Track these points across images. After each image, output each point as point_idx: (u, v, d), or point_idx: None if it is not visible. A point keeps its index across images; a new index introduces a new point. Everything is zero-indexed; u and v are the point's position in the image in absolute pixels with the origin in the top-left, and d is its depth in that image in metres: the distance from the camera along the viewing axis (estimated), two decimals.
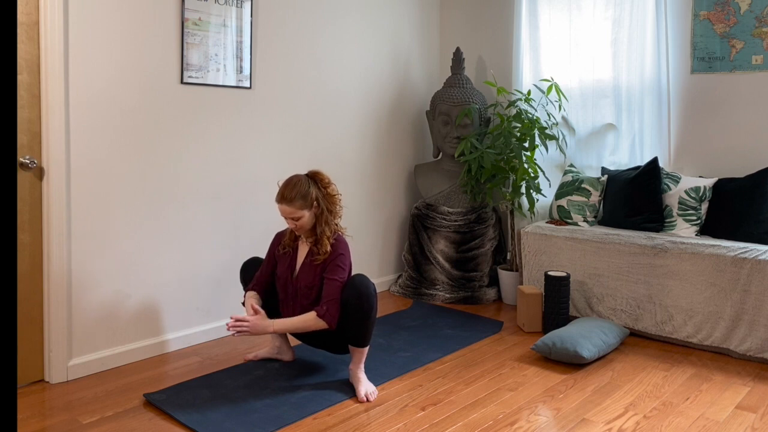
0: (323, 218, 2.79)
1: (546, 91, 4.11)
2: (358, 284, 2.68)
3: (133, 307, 3.11)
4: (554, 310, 3.52)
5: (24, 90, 2.73)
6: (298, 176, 2.81)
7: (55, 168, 2.79)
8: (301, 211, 2.74)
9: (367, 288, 2.68)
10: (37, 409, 2.58)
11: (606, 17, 4.00)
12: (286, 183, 2.78)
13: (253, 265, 3.08)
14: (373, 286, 2.72)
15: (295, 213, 2.74)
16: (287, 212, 2.75)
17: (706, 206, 3.50)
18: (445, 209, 4.25)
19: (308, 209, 2.76)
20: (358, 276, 2.73)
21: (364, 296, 2.66)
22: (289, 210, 2.74)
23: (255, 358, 3.10)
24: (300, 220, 2.75)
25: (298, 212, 2.74)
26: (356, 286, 2.68)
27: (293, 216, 2.75)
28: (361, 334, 2.72)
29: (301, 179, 2.78)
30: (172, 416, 2.52)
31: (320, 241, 2.78)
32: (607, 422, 2.53)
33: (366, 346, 2.77)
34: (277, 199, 2.77)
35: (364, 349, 2.78)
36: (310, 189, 2.76)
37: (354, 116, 4.18)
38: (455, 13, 4.76)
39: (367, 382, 2.79)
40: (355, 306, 2.67)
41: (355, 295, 2.67)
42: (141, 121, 3.08)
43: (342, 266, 2.76)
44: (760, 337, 3.11)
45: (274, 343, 3.11)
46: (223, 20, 3.35)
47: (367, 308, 2.67)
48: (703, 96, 3.72)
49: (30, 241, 2.79)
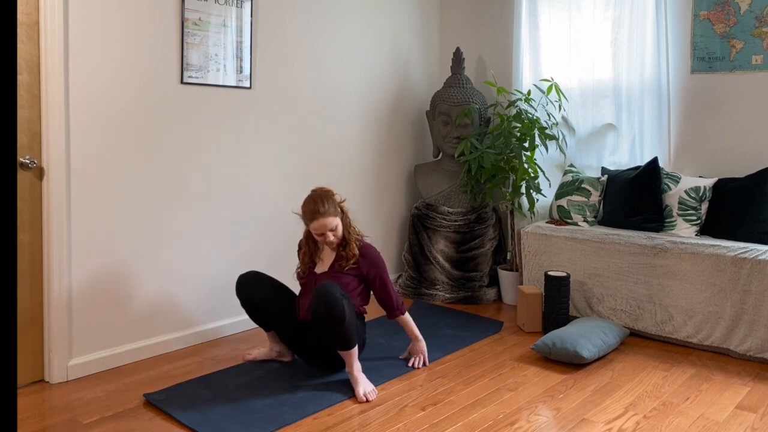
0: (347, 222, 2.92)
1: (546, 91, 4.11)
2: (323, 294, 2.67)
3: (133, 307, 3.11)
4: (554, 310, 3.52)
5: (24, 90, 2.73)
6: (313, 194, 2.90)
7: (55, 168, 2.79)
8: (336, 219, 2.84)
9: (333, 295, 2.66)
10: (37, 409, 2.58)
11: (606, 17, 4.00)
12: (313, 200, 2.85)
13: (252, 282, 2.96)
14: (338, 290, 2.70)
15: (333, 223, 2.83)
16: (327, 226, 2.81)
17: (706, 206, 3.50)
18: (445, 209, 4.25)
19: (339, 217, 2.87)
20: (321, 287, 2.71)
21: (331, 304, 2.65)
22: (328, 223, 2.81)
23: (254, 358, 3.10)
24: (336, 229, 2.85)
25: (335, 222, 2.84)
26: (321, 297, 2.67)
27: (332, 227, 2.83)
28: (342, 339, 2.73)
29: (318, 193, 2.89)
30: (172, 416, 2.52)
31: (349, 245, 2.89)
32: (607, 422, 2.53)
33: (351, 348, 2.77)
34: (314, 217, 2.81)
35: (351, 350, 2.78)
36: (329, 199, 2.87)
37: (354, 116, 4.18)
38: (455, 13, 4.76)
39: (366, 381, 2.79)
40: (325, 315, 2.66)
41: (324, 306, 2.66)
42: (141, 121, 3.08)
43: (384, 278, 2.93)
44: (760, 337, 3.11)
45: (273, 346, 3.09)
46: (223, 20, 3.35)
47: (339, 314, 2.65)
48: (703, 96, 3.72)
49: (30, 241, 2.79)
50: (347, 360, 2.80)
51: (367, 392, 2.73)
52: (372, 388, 2.76)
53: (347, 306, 2.69)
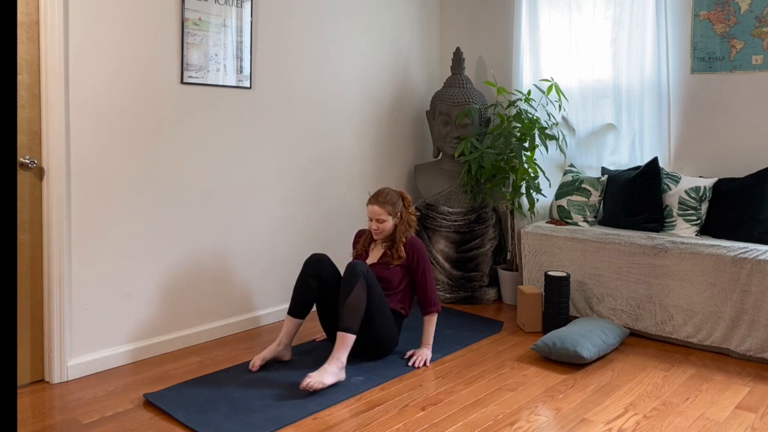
0: (402, 228, 3.18)
1: (546, 91, 4.11)
2: (349, 267, 2.91)
3: (133, 307, 3.11)
4: (554, 310, 3.52)
5: (24, 90, 2.73)
6: (390, 189, 3.21)
7: (55, 168, 2.79)
8: (387, 216, 3.13)
9: (354, 269, 2.88)
10: (37, 409, 2.58)
11: (606, 17, 4.00)
12: (381, 191, 3.18)
13: (324, 260, 3.11)
14: (363, 268, 2.90)
15: (381, 215, 3.12)
16: (376, 213, 3.12)
17: (706, 206, 3.50)
18: (445, 209, 4.25)
19: (393, 217, 3.15)
20: (353, 262, 2.94)
21: (349, 274, 2.88)
22: (378, 211, 3.11)
23: (263, 362, 2.98)
24: (383, 224, 3.13)
25: (385, 216, 3.12)
26: (347, 268, 2.92)
27: (379, 218, 3.12)
28: (343, 314, 2.83)
29: (393, 192, 3.19)
30: (172, 416, 2.52)
31: (396, 246, 3.15)
32: (607, 422, 2.54)
33: (346, 330, 2.81)
34: (371, 200, 3.14)
35: (345, 335, 2.81)
36: (398, 202, 3.18)
37: (354, 116, 4.18)
38: (455, 13, 4.76)
39: (326, 374, 2.74)
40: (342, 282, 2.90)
41: (345, 274, 2.91)
42: (141, 121, 3.08)
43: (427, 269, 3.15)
44: (760, 337, 3.11)
45: (280, 342, 3.02)
46: (223, 20, 3.35)
47: (350, 284, 2.85)
48: (703, 96, 3.72)
49: (30, 241, 2.79)
50: (336, 344, 2.83)
51: (312, 383, 2.68)
52: (321, 384, 2.70)
53: (360, 285, 2.85)
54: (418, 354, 3.14)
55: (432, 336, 3.19)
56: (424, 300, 3.16)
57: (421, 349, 3.17)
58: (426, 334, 3.19)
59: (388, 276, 3.11)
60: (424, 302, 3.17)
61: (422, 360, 3.10)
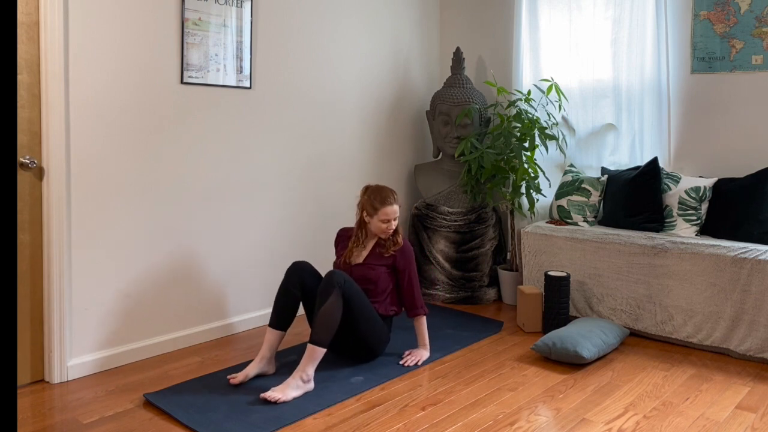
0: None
1: (546, 91, 4.11)
2: (327, 277, 2.84)
3: (132, 307, 3.11)
4: (554, 310, 3.52)
5: (24, 90, 2.73)
6: (379, 186, 3.14)
7: (55, 168, 2.79)
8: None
9: (332, 279, 2.81)
10: (37, 409, 2.58)
11: (606, 17, 4.00)
12: (384, 189, 3.10)
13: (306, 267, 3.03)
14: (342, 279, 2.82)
15: (398, 212, 3.10)
16: (396, 213, 3.08)
17: (706, 206, 3.50)
18: (445, 209, 4.25)
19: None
20: (332, 272, 2.85)
21: (326, 283, 2.81)
22: (396, 210, 3.08)
23: (246, 378, 2.83)
24: (397, 219, 3.11)
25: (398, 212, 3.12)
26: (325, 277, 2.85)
27: (397, 216, 3.09)
28: (316, 325, 2.77)
29: (384, 186, 3.14)
30: (172, 416, 2.52)
31: (398, 232, 3.13)
32: (607, 422, 2.54)
33: (315, 343, 2.72)
34: (389, 202, 3.07)
35: (314, 347, 2.72)
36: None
37: (354, 116, 4.18)
38: (455, 13, 4.76)
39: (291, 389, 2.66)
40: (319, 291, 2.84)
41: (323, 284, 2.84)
42: (141, 121, 3.08)
43: (413, 274, 3.13)
44: (760, 337, 3.11)
45: (262, 356, 2.89)
46: (223, 20, 3.35)
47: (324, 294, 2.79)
48: (703, 96, 3.72)
49: (30, 241, 2.79)
50: (303, 357, 2.75)
51: (276, 397, 2.62)
52: (278, 397, 2.62)
53: (335, 296, 2.77)
54: (413, 354, 3.14)
55: (427, 337, 3.19)
56: (412, 303, 3.12)
57: (419, 349, 3.17)
58: (421, 336, 3.18)
59: (374, 277, 3.05)
60: (411, 305, 3.13)
61: (415, 360, 3.10)
